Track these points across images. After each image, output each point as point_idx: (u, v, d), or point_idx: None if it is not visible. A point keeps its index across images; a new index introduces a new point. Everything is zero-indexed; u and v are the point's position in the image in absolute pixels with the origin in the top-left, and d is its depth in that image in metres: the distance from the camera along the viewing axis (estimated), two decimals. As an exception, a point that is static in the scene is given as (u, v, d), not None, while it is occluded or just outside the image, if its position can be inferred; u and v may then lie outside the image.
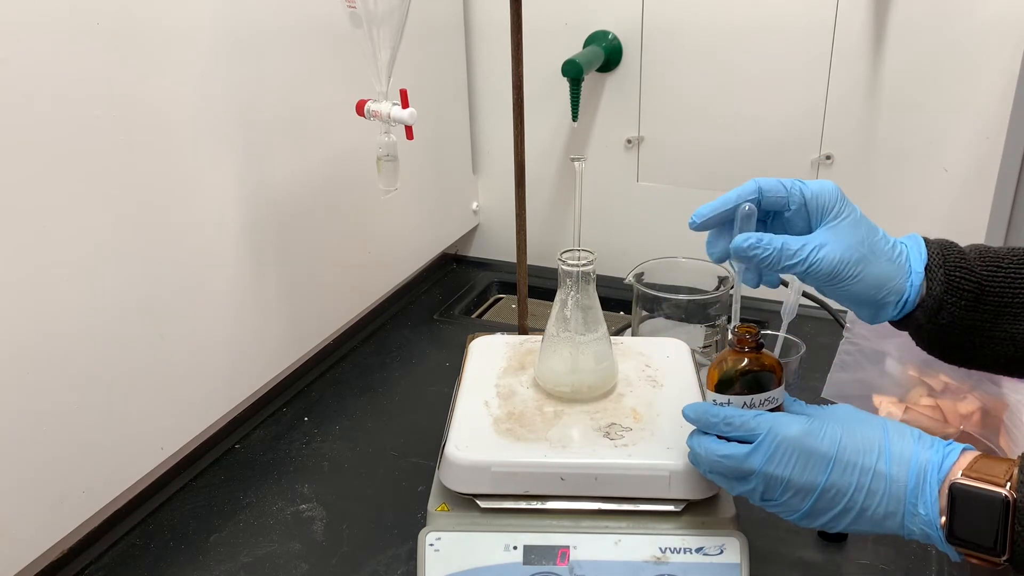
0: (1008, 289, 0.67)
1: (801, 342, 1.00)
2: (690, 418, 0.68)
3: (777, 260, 0.66)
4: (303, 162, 1.07)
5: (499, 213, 1.52)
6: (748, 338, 0.67)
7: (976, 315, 0.68)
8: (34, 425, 0.77)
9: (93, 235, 0.81)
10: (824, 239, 0.66)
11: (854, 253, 0.66)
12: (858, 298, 0.68)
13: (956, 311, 0.67)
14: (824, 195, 0.67)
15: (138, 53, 0.82)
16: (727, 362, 0.68)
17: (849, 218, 0.67)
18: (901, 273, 0.68)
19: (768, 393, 0.67)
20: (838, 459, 0.62)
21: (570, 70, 1.25)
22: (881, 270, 0.67)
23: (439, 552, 0.72)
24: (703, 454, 0.67)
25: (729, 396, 0.67)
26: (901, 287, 0.68)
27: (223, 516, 0.92)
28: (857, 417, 0.65)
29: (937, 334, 0.69)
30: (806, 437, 0.63)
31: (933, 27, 1.15)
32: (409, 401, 1.12)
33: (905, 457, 0.62)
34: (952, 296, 0.67)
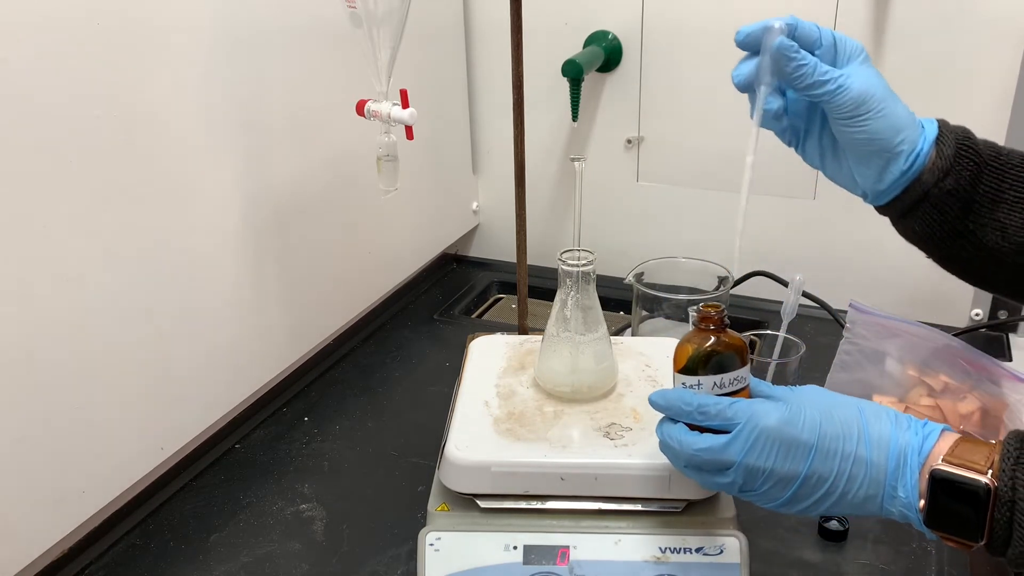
0: (1006, 175, 0.68)
1: (801, 342, 1.00)
2: (659, 405, 0.66)
3: (811, 72, 0.65)
4: (303, 162, 1.07)
5: (499, 213, 1.52)
6: (713, 315, 0.65)
7: (976, 192, 0.68)
8: (34, 425, 0.77)
9: (93, 235, 0.81)
10: (853, 71, 0.67)
11: (880, 90, 0.67)
12: (874, 138, 0.68)
13: (961, 179, 0.68)
14: (851, 41, 0.68)
15: (138, 53, 0.82)
16: (693, 342, 0.65)
17: (872, 66, 0.69)
18: (916, 129, 0.69)
19: (736, 372, 0.65)
20: (819, 447, 0.61)
21: (570, 70, 1.25)
22: (901, 113, 0.68)
23: (439, 552, 0.72)
24: (678, 448, 0.64)
25: (699, 378, 0.64)
26: (915, 139, 0.69)
27: (223, 516, 0.92)
28: (832, 400, 0.64)
29: (940, 206, 0.69)
30: (786, 426, 0.61)
31: (933, 27, 1.15)
32: (409, 401, 1.12)
33: (884, 440, 0.61)
34: (959, 163, 0.68)
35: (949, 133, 0.70)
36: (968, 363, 0.94)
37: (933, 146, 0.69)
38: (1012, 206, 0.68)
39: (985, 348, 1.13)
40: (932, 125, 0.71)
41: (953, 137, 0.69)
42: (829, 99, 0.66)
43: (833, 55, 0.68)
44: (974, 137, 0.70)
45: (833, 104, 0.67)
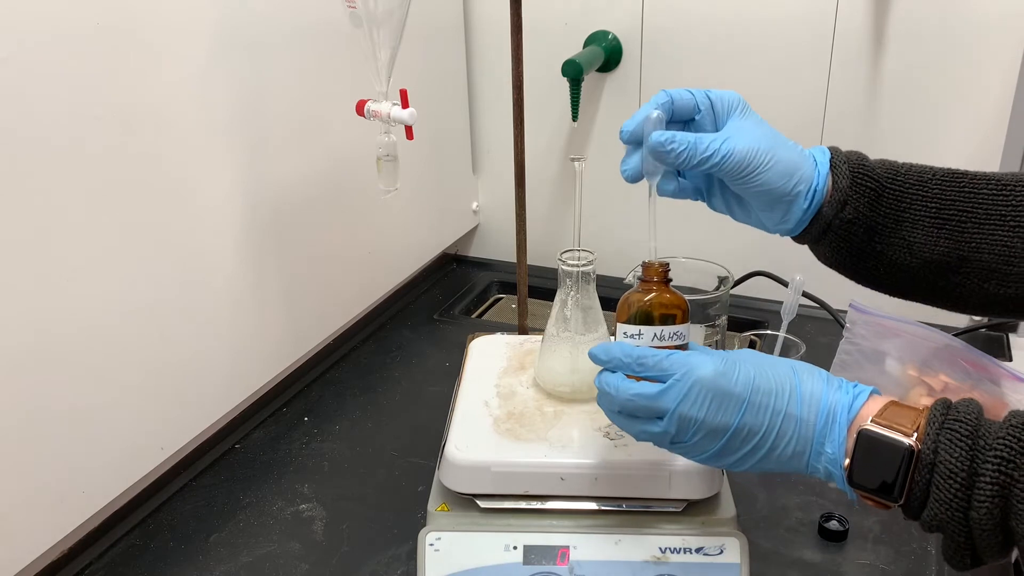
0: (905, 194, 0.70)
1: (801, 342, 1.00)
2: (599, 358, 0.67)
3: (692, 153, 0.67)
4: (303, 162, 1.07)
5: (499, 213, 1.52)
6: (657, 268, 0.68)
7: (878, 215, 0.70)
8: (34, 425, 0.77)
9: (93, 235, 0.81)
10: (734, 131, 0.69)
11: (764, 141, 0.68)
12: (770, 188, 0.69)
13: (860, 207, 0.70)
14: (728, 96, 0.71)
15: (138, 53, 0.82)
16: (636, 295, 0.68)
17: (752, 117, 0.71)
18: (809, 165, 0.70)
19: (676, 327, 0.66)
20: (751, 401, 0.62)
21: (570, 70, 1.25)
22: (790, 158, 0.69)
23: (439, 552, 0.72)
24: (613, 393, 0.65)
25: (640, 327, 0.66)
26: (810, 175, 0.70)
27: (223, 516, 0.92)
28: (766, 359, 0.65)
29: (844, 234, 0.71)
30: (720, 378, 0.62)
31: (933, 26, 1.15)
32: (409, 401, 1.12)
33: (815, 398, 0.62)
34: (856, 191, 0.70)
35: (842, 163, 0.71)
36: (968, 363, 0.94)
37: (828, 178, 0.71)
38: (914, 224, 0.70)
39: (985, 348, 1.13)
40: (824, 156, 0.72)
41: (847, 167, 0.70)
42: (718, 169, 0.68)
43: (712, 115, 0.71)
44: (868, 161, 0.72)
45: (723, 171, 0.68)
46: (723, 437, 0.63)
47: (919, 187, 0.70)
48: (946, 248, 0.69)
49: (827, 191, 0.71)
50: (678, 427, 0.63)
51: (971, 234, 0.69)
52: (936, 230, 0.69)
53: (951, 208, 0.69)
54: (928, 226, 0.69)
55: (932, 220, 0.69)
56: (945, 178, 0.70)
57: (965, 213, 0.69)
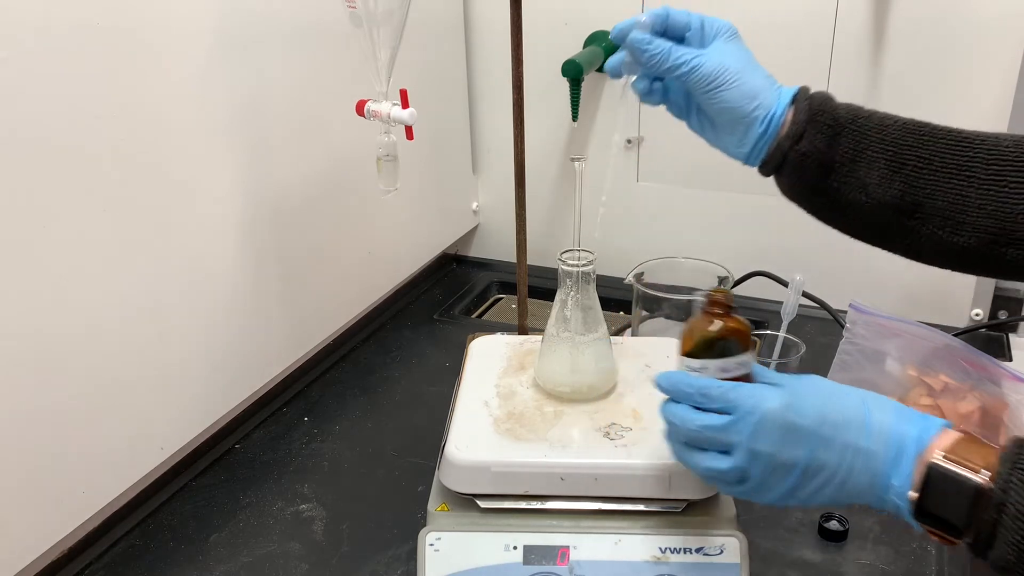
0: (864, 136, 0.71)
1: (801, 342, 1.00)
2: (663, 387, 0.66)
3: (664, 58, 0.72)
4: (303, 162, 1.07)
5: (499, 213, 1.52)
6: (721, 300, 0.66)
7: (834, 153, 0.72)
8: (34, 425, 0.77)
9: (93, 235, 0.81)
10: (712, 50, 0.73)
11: (735, 63, 0.72)
12: (731, 107, 0.72)
13: (816, 141, 0.71)
14: (719, 22, 0.74)
15: (138, 53, 0.82)
16: (699, 326, 0.66)
17: (736, 43, 0.74)
18: (772, 93, 0.73)
19: (741, 357, 0.65)
20: (821, 434, 0.61)
21: (570, 70, 1.25)
22: (755, 84, 0.72)
23: (439, 552, 0.72)
24: (679, 423, 0.64)
25: (704, 361, 0.65)
26: (770, 104, 0.73)
27: (223, 516, 0.92)
28: (834, 389, 0.64)
29: (799, 166, 0.73)
30: (788, 411, 0.61)
31: (933, 26, 1.15)
32: (409, 401, 1.12)
33: (885, 430, 0.61)
34: (813, 126, 0.72)
35: (804, 99, 0.73)
36: (968, 363, 0.94)
37: (789, 111, 0.73)
38: (870, 165, 0.71)
39: (985, 348, 1.13)
40: (791, 91, 0.74)
41: (807, 102, 0.73)
42: (686, 79, 0.72)
43: (701, 36, 0.74)
44: (832, 101, 0.74)
45: (690, 82, 0.72)
46: (793, 473, 0.62)
47: (878, 131, 0.71)
48: (900, 191, 0.70)
49: (784, 124, 0.73)
50: (748, 462, 0.62)
51: (926, 180, 0.70)
52: (892, 173, 0.70)
53: (908, 154, 0.70)
54: (884, 168, 0.71)
55: (888, 163, 0.71)
56: (906, 125, 0.72)
57: (922, 160, 0.70)
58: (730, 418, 0.62)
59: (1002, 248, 0.69)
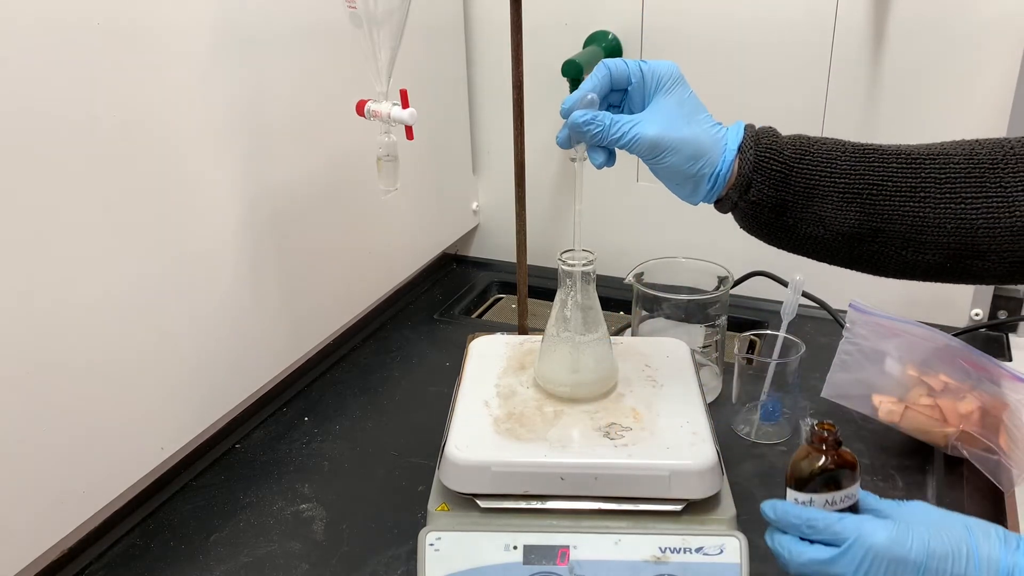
0: (814, 172, 0.71)
1: (801, 342, 1.00)
2: (770, 518, 0.68)
3: (604, 135, 0.71)
4: (303, 162, 1.07)
5: (499, 213, 1.52)
6: (828, 436, 0.67)
7: (786, 194, 0.72)
8: (34, 425, 0.77)
9: (93, 235, 0.81)
10: (650, 112, 0.72)
11: (673, 128, 0.71)
12: (676, 170, 0.72)
13: (765, 189, 0.72)
14: (660, 70, 0.73)
15: (138, 53, 0.82)
16: (807, 459, 0.67)
17: (676, 95, 0.73)
18: (717, 149, 0.72)
19: (847, 490, 0.67)
20: (927, 567, 0.62)
21: (570, 70, 1.25)
22: (699, 144, 0.72)
23: (439, 552, 0.72)
24: (787, 556, 0.66)
25: (810, 494, 0.66)
26: (715, 161, 0.72)
27: (223, 516, 0.92)
28: (940, 517, 0.66)
29: (752, 212, 0.73)
30: (894, 545, 0.63)
31: (933, 27, 1.15)
32: (409, 401, 1.12)
33: (994, 561, 0.62)
34: (760, 175, 0.72)
35: (749, 148, 0.72)
36: (968, 363, 0.94)
37: (735, 161, 0.72)
38: (824, 199, 0.71)
39: (985, 348, 1.13)
40: (736, 139, 0.73)
41: (752, 152, 0.72)
42: (629, 150, 0.72)
43: (643, 88, 0.74)
44: (779, 141, 0.73)
45: (634, 152, 0.72)
46: None
47: (827, 164, 0.71)
48: (857, 220, 0.71)
49: (731, 176, 0.73)
50: None
51: (881, 207, 0.70)
52: (846, 204, 0.70)
53: (860, 183, 0.70)
54: (838, 200, 0.71)
55: (841, 195, 0.71)
56: (855, 154, 0.71)
57: (874, 187, 0.70)
58: (837, 551, 0.64)
59: (967, 261, 0.70)
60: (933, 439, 0.96)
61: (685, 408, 0.80)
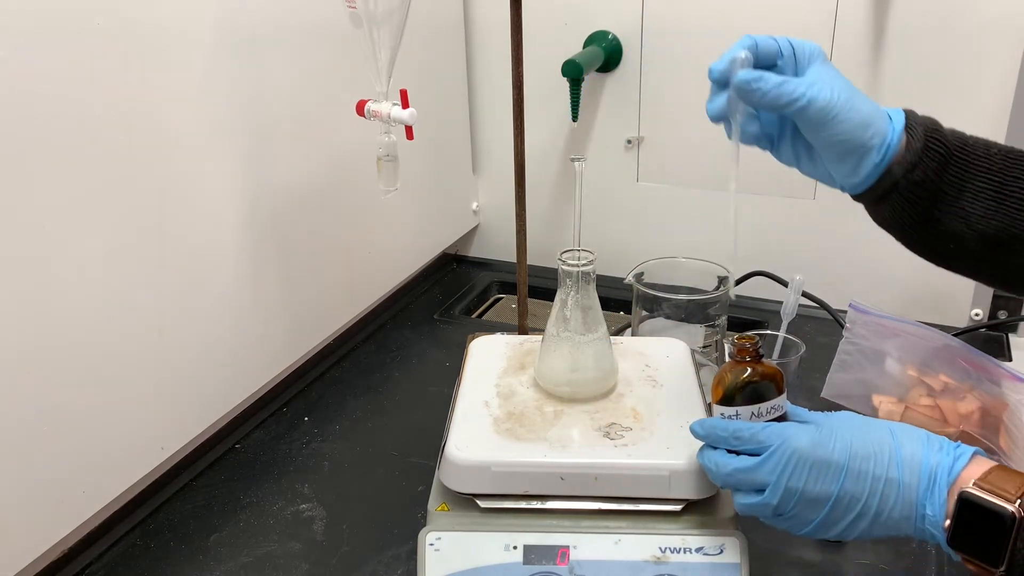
0: (971, 164, 0.70)
1: (801, 342, 1.00)
2: (699, 434, 0.69)
3: (779, 93, 0.67)
4: (303, 162, 1.07)
5: (499, 213, 1.52)
6: (748, 347, 0.68)
7: (943, 182, 0.70)
8: (34, 425, 0.77)
9: (93, 235, 0.81)
10: (816, 77, 0.68)
11: (844, 91, 0.68)
12: (847, 139, 0.69)
13: (928, 170, 0.69)
14: (808, 45, 0.70)
15: (138, 53, 0.82)
16: (730, 374, 0.68)
17: (830, 64, 0.70)
18: (883, 118, 0.70)
19: (773, 401, 0.67)
20: (850, 468, 0.62)
21: (570, 70, 1.25)
22: (868, 110, 0.69)
23: (439, 552, 0.72)
24: (715, 469, 0.67)
25: (736, 408, 0.67)
26: (885, 129, 0.70)
27: (223, 516, 0.92)
28: (863, 423, 0.66)
29: (906, 198, 0.70)
30: (817, 447, 0.63)
31: (933, 27, 1.15)
32: (409, 401, 1.12)
33: (916, 461, 0.62)
34: (927, 154, 0.69)
35: (917, 124, 0.70)
36: (968, 363, 0.94)
37: (902, 137, 0.70)
38: (975, 196, 0.70)
39: (985, 348, 1.13)
40: (899, 116, 0.71)
41: (922, 128, 0.70)
42: (801, 113, 0.68)
43: (794, 62, 0.70)
44: (942, 128, 0.72)
45: (806, 116, 0.68)
46: (825, 506, 0.63)
47: (985, 159, 0.70)
48: (1001, 224, 0.69)
49: (899, 149, 0.70)
50: (780, 499, 0.64)
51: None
52: (995, 204, 0.69)
53: (1013, 184, 0.69)
54: (988, 199, 0.69)
55: (993, 194, 0.69)
56: (1009, 155, 0.70)
57: None
58: (758, 460, 0.64)
59: None
60: (933, 439, 0.95)
61: (685, 408, 0.80)
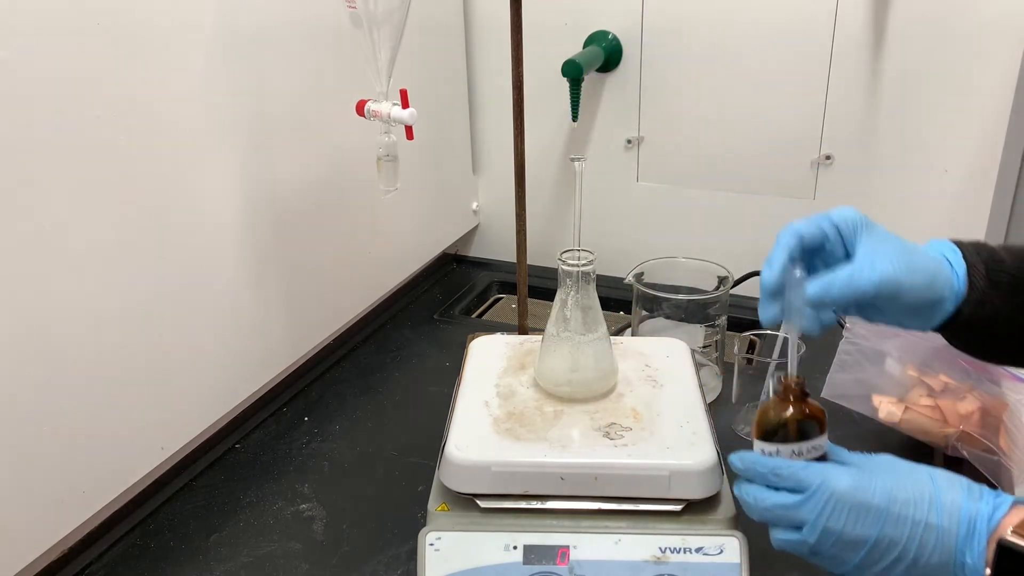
0: None
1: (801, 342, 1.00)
2: (737, 467, 0.68)
3: (848, 294, 0.66)
4: (303, 162, 1.07)
5: (499, 213, 1.52)
6: (794, 386, 0.68)
7: (1014, 308, 0.69)
8: (34, 425, 0.77)
9: (93, 235, 0.81)
10: (872, 253, 0.67)
11: (902, 255, 0.67)
12: (918, 298, 0.68)
13: (997, 303, 0.69)
14: (849, 215, 0.69)
15: (138, 53, 0.82)
16: (773, 411, 0.67)
17: (879, 229, 0.69)
18: (944, 268, 0.69)
19: (814, 441, 0.66)
20: (890, 512, 0.62)
21: (570, 70, 1.25)
22: (927, 264, 0.68)
23: (439, 552, 0.72)
24: (752, 503, 0.66)
25: (777, 445, 0.66)
26: (948, 279, 0.69)
27: (223, 516, 0.92)
28: (905, 468, 0.65)
29: (980, 328, 0.70)
30: (857, 490, 0.63)
31: (933, 27, 1.15)
32: (409, 401, 1.12)
33: (955, 508, 0.62)
34: (993, 289, 0.69)
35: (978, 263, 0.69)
36: (968, 363, 0.94)
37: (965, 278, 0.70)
38: None
39: (985, 348, 1.13)
40: (956, 256, 0.70)
41: (982, 266, 0.69)
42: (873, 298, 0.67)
43: (841, 241, 0.69)
44: (998, 254, 0.71)
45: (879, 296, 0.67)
46: (863, 548, 0.63)
47: None
48: None
49: (964, 290, 0.69)
50: (818, 538, 0.63)
51: None
52: None
53: None
54: None
55: None
56: None
57: None
58: (800, 497, 0.64)
59: None
60: (933, 439, 0.96)
61: (685, 408, 0.80)
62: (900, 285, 0.66)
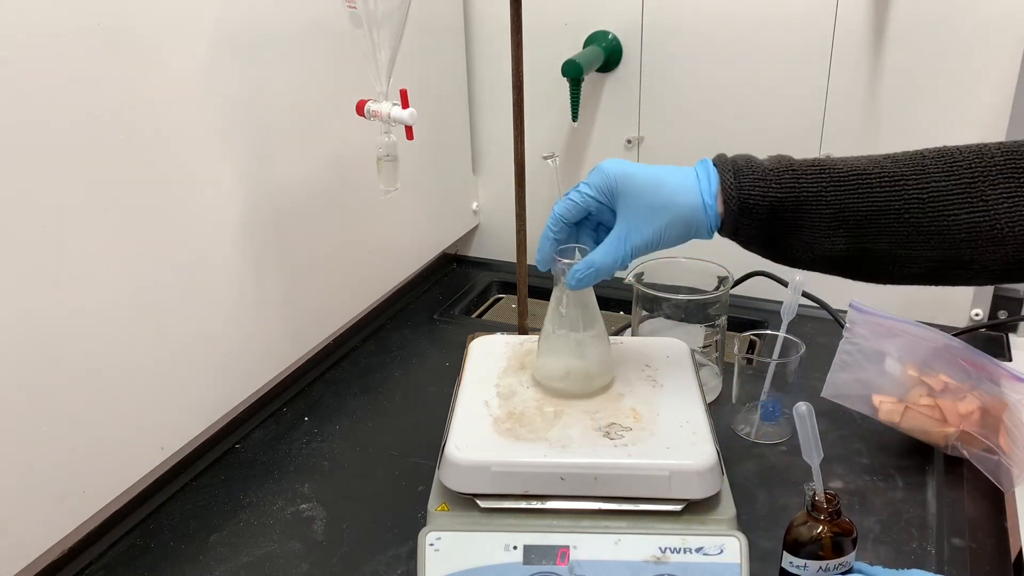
0: (800, 206, 0.72)
1: (801, 342, 1.00)
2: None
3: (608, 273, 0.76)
4: (303, 162, 1.07)
5: (499, 213, 1.52)
6: (827, 506, 0.69)
7: (774, 230, 0.73)
8: (34, 425, 0.77)
9: (93, 235, 0.81)
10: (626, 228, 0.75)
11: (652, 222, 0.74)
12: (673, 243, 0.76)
13: (752, 229, 0.74)
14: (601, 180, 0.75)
15: (139, 53, 0.82)
16: (804, 527, 0.69)
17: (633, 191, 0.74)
18: (699, 210, 0.74)
19: (843, 559, 0.68)
20: None
21: (570, 70, 1.25)
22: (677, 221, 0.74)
23: (439, 552, 0.72)
24: None
25: (805, 561, 0.68)
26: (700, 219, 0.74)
27: (223, 516, 0.92)
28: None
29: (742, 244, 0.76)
30: None
31: (933, 27, 1.15)
32: (409, 401, 1.12)
33: None
34: (747, 217, 0.73)
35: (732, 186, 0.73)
36: (968, 363, 0.94)
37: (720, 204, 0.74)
38: (812, 229, 0.73)
39: (985, 348, 1.13)
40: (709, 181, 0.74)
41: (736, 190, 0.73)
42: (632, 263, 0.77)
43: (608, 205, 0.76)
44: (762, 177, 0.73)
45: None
46: None
47: (814, 196, 0.72)
48: (844, 245, 0.72)
49: (720, 216, 0.74)
50: None
51: (867, 231, 0.71)
52: (832, 231, 0.72)
53: (846, 212, 0.71)
54: (824, 229, 0.72)
55: (828, 224, 0.72)
56: (840, 182, 0.72)
57: (859, 214, 0.71)
58: None
59: (952, 271, 0.72)
60: (933, 439, 0.96)
61: (685, 408, 0.80)
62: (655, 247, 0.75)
